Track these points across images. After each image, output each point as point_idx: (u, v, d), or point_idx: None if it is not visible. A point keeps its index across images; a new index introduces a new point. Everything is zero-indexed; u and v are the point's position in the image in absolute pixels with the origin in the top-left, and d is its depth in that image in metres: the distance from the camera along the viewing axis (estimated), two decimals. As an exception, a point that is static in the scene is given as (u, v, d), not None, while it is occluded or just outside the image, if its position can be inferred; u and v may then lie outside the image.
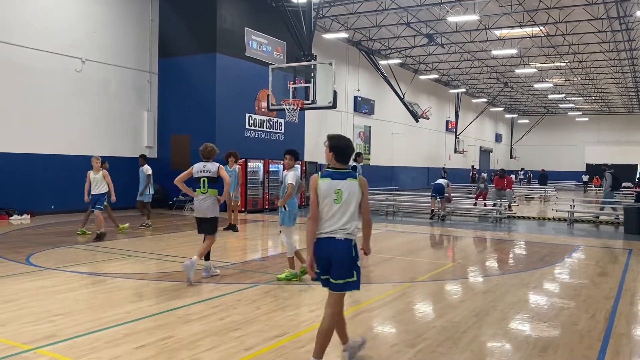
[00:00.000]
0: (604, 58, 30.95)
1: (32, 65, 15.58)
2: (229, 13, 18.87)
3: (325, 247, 4.12)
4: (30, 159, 15.50)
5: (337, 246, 4.10)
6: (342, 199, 4.11)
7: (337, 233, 4.10)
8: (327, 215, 4.13)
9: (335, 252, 4.10)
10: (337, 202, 4.12)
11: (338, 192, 4.13)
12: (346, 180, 4.14)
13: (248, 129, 19.80)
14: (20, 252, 9.50)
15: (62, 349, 4.66)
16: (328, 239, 4.11)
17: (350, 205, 4.13)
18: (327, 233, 4.12)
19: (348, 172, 4.21)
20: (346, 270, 4.16)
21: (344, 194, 4.12)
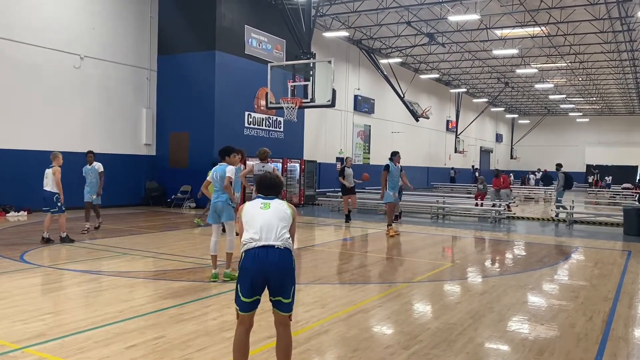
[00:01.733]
0: (605, 59, 30.85)
1: (30, 61, 15.51)
2: (229, 10, 18.79)
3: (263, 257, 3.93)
4: (27, 155, 15.43)
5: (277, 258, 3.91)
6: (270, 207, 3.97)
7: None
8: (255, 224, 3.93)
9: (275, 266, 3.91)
10: (264, 208, 3.95)
11: (266, 204, 3.97)
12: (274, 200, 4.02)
13: (247, 127, 19.73)
14: (15, 250, 9.44)
15: (51, 348, 4.60)
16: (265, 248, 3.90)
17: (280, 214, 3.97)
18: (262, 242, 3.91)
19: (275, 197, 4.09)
20: (289, 287, 4.07)
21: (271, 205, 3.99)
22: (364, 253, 10.80)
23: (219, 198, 7.50)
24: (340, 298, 6.77)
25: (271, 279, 3.77)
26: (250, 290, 3.80)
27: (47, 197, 10.20)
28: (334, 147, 28.23)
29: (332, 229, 14.19)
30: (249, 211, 3.90)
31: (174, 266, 8.40)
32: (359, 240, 12.51)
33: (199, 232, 12.78)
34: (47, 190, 10.23)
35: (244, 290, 3.84)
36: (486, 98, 47.40)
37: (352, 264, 9.50)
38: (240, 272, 3.86)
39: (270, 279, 3.77)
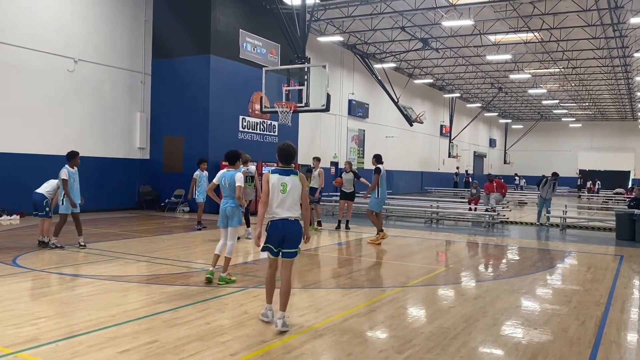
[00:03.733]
0: (597, 64, 31.08)
1: (24, 65, 15.45)
2: (224, 15, 18.81)
3: (281, 226, 5.45)
4: (21, 159, 15.36)
5: (290, 225, 5.46)
6: (287, 189, 5.45)
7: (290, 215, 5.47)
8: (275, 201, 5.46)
9: (289, 230, 5.46)
10: (282, 192, 5.45)
11: (284, 185, 5.46)
12: (289, 177, 5.50)
13: (241, 131, 19.72)
14: (7, 253, 9.38)
15: (44, 353, 4.57)
16: (282, 220, 5.45)
17: (294, 195, 5.49)
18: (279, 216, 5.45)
19: (291, 169, 5.60)
20: (296, 243, 5.53)
21: (288, 186, 5.46)
22: (358, 257, 10.81)
23: (227, 203, 7.56)
24: (334, 302, 6.78)
25: (286, 238, 5.47)
26: (275, 244, 5.50)
27: (37, 200, 10.13)
28: (328, 151, 28.26)
29: (326, 233, 14.19)
30: (273, 189, 5.47)
31: (168, 270, 8.38)
32: (353, 244, 12.52)
33: (191, 236, 12.75)
34: (38, 193, 10.16)
35: (273, 244, 5.51)
36: (480, 103, 47.60)
37: (346, 268, 9.50)
38: (269, 233, 5.53)
39: (286, 238, 5.47)
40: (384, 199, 12.60)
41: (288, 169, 5.59)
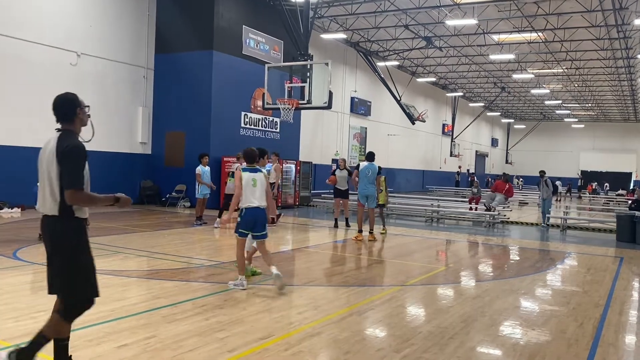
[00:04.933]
0: (601, 65, 31.02)
1: (26, 58, 15.46)
2: (227, 10, 18.79)
3: (254, 213, 6.91)
4: (22, 152, 15.36)
5: (260, 213, 6.96)
6: (257, 184, 6.96)
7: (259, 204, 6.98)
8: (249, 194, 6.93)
9: (259, 216, 6.95)
10: (254, 186, 6.93)
11: (254, 180, 6.96)
12: (257, 174, 7.06)
13: (243, 127, 19.72)
14: (7, 246, 9.40)
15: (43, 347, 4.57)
16: (254, 208, 6.91)
17: (262, 188, 7.02)
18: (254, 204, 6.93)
19: (257, 168, 7.20)
20: (264, 226, 7.07)
21: (257, 181, 6.98)
22: (358, 255, 10.81)
23: None
24: (333, 300, 6.79)
25: (257, 223, 6.96)
26: (247, 228, 6.96)
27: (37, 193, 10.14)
28: (330, 148, 28.26)
29: (326, 230, 14.20)
30: (247, 183, 6.93)
31: (167, 265, 8.40)
32: (352, 242, 12.52)
33: (192, 231, 12.77)
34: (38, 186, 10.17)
35: (245, 228, 6.97)
36: (482, 102, 47.54)
37: (345, 266, 9.51)
38: (242, 219, 6.93)
39: (257, 223, 6.96)
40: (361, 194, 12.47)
41: (255, 168, 7.13)
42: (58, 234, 3.77)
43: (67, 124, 3.84)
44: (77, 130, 3.87)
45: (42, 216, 3.83)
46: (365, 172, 12.26)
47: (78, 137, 3.85)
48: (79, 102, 3.93)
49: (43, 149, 3.83)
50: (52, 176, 3.71)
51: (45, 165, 3.75)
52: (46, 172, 3.75)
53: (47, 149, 3.79)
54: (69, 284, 3.81)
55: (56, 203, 3.73)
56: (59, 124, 3.87)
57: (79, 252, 3.80)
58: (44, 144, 3.86)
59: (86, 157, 3.78)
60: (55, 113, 3.88)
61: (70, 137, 3.75)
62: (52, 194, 3.73)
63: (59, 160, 3.65)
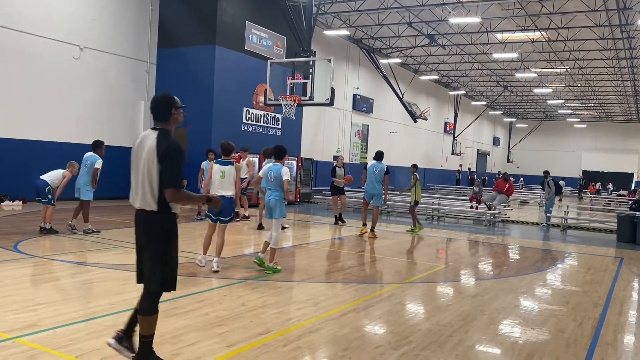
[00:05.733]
0: (604, 65, 30.96)
1: (29, 51, 15.46)
2: (230, 5, 18.76)
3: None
4: (25, 144, 15.40)
5: (225, 201, 7.51)
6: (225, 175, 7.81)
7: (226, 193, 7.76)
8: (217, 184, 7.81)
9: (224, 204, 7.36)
10: (222, 177, 7.80)
11: (222, 172, 7.81)
12: (227, 166, 7.86)
13: (245, 123, 19.72)
14: (8, 239, 9.42)
15: (42, 339, 4.60)
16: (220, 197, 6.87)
17: (230, 179, 7.85)
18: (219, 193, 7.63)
19: (229, 161, 8.01)
20: (229, 213, 7.88)
21: (226, 173, 7.81)
22: (358, 252, 10.82)
23: (271, 195, 7.91)
24: (332, 297, 6.80)
25: (222, 210, 7.61)
26: (214, 213, 7.83)
27: (40, 186, 10.16)
28: (331, 145, 28.25)
29: (326, 227, 14.21)
30: (215, 174, 7.87)
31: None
32: (353, 239, 12.54)
33: (192, 226, 12.78)
34: (41, 179, 10.20)
35: (212, 213, 7.88)
36: (485, 101, 47.48)
37: (345, 263, 9.52)
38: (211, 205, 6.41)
39: (222, 210, 7.61)
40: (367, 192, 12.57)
41: (227, 160, 7.95)
42: (155, 227, 3.98)
43: (162, 123, 4.05)
44: (172, 129, 4.08)
45: (138, 210, 4.02)
46: (373, 170, 12.35)
47: (174, 136, 4.06)
48: (175, 102, 4.11)
49: (138, 146, 4.01)
50: (152, 174, 3.89)
51: (144, 163, 3.92)
52: (145, 169, 3.92)
53: (144, 146, 3.96)
54: (159, 274, 4.01)
55: (155, 199, 3.92)
56: (154, 122, 4.09)
57: (171, 245, 4.04)
58: (138, 141, 4.04)
59: (184, 156, 4.03)
60: (153, 112, 4.10)
61: (169, 137, 3.95)
62: (152, 190, 3.91)
63: (160, 160, 3.85)
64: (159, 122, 4.06)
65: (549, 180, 17.73)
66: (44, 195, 10.15)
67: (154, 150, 3.88)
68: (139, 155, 3.98)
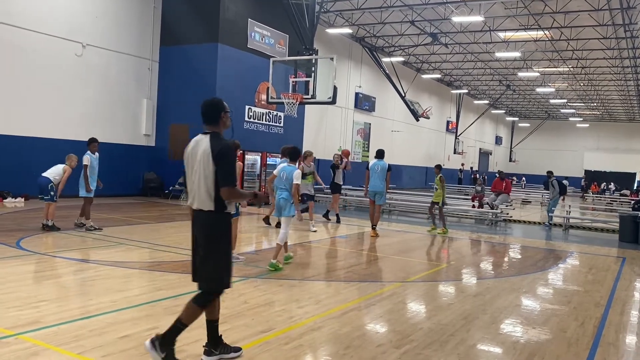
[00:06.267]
0: (607, 65, 30.89)
1: (32, 48, 15.48)
2: (233, 3, 18.75)
3: None
4: (26, 142, 15.43)
5: None
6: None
7: None
8: None
9: None
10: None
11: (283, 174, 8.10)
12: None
13: (247, 121, 19.72)
14: (11, 236, 9.44)
15: (45, 336, 4.61)
16: None
17: None
18: None
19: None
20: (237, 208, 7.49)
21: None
22: (360, 251, 10.83)
23: (281, 195, 8.13)
24: (334, 295, 6.80)
25: None
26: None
27: (43, 184, 10.19)
28: (333, 144, 28.24)
29: (328, 225, 14.21)
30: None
31: (170, 257, 8.43)
32: (354, 238, 12.54)
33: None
34: (44, 177, 10.22)
35: None
36: (487, 100, 47.42)
37: (347, 261, 9.52)
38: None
39: None
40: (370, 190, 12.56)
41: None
42: (213, 226, 4.13)
43: (212, 126, 4.28)
44: (221, 132, 4.28)
45: (195, 210, 4.17)
46: (375, 168, 12.41)
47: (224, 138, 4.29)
48: (224, 106, 4.38)
49: (192, 151, 4.22)
50: (208, 175, 4.08)
51: (200, 165, 4.12)
52: (200, 171, 4.11)
53: (198, 149, 4.17)
54: (216, 272, 4.15)
55: (212, 199, 4.09)
56: (204, 126, 4.31)
57: (227, 244, 4.20)
58: (191, 146, 4.25)
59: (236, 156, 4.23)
60: (204, 116, 4.32)
61: (221, 139, 4.17)
62: (208, 191, 4.09)
63: (215, 161, 4.05)
64: (209, 125, 4.28)
65: (553, 180, 17.68)
66: (46, 192, 10.17)
67: (209, 152, 4.08)
68: (194, 158, 4.17)
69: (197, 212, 4.17)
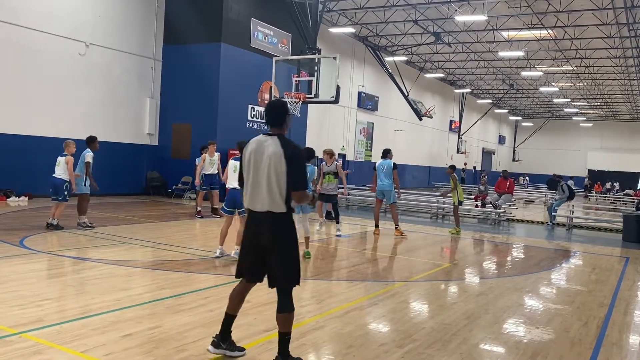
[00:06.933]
0: (610, 64, 30.78)
1: (35, 47, 15.50)
2: (236, 3, 18.75)
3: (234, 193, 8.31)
4: (30, 140, 15.45)
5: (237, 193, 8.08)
6: (237, 170, 7.97)
7: None
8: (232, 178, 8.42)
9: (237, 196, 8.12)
10: (234, 171, 8.29)
11: (235, 167, 8.30)
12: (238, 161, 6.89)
13: (250, 120, 19.73)
14: (14, 234, 9.47)
15: (48, 335, 4.62)
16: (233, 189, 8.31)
17: None
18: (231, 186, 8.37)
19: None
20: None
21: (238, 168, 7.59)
22: (362, 250, 10.82)
23: None
24: (336, 295, 6.80)
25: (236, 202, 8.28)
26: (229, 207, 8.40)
27: (58, 184, 10.26)
28: (336, 143, 28.23)
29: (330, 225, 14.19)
30: (230, 171, 8.47)
31: (173, 257, 8.44)
32: (357, 237, 12.54)
33: (199, 223, 12.81)
34: (57, 178, 10.32)
35: (228, 206, 8.40)
36: (490, 99, 47.33)
37: (349, 261, 9.52)
38: (226, 199, 8.42)
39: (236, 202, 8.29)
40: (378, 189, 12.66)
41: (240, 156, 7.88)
42: (284, 228, 4.14)
43: (277, 129, 4.23)
44: (284, 133, 4.24)
45: (261, 213, 4.12)
46: (381, 167, 12.54)
47: None
48: (288, 108, 4.37)
49: (256, 153, 4.17)
50: (280, 177, 4.06)
51: (269, 168, 4.08)
52: (272, 173, 4.07)
53: (264, 152, 4.13)
54: (293, 272, 4.20)
55: (283, 201, 4.09)
56: (268, 128, 4.30)
57: (297, 244, 4.28)
58: (252, 147, 4.21)
59: None
60: (269, 118, 4.29)
61: (290, 142, 4.14)
62: (280, 192, 4.07)
63: (288, 163, 4.03)
64: (274, 127, 4.23)
65: (563, 185, 17.53)
66: (61, 192, 10.23)
67: (280, 153, 4.05)
68: (259, 159, 4.13)
69: (263, 214, 4.11)
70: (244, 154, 4.27)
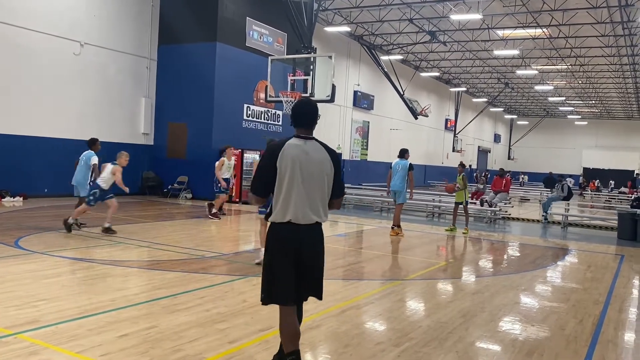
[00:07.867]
0: (605, 62, 30.88)
1: (30, 47, 15.43)
2: (231, 2, 18.72)
3: None
4: (25, 140, 15.39)
5: None
6: None
7: None
8: None
9: None
10: None
11: None
12: None
13: (246, 120, 19.71)
14: (9, 235, 9.43)
15: (44, 335, 4.61)
16: None
17: None
18: None
19: None
20: None
21: None
22: (359, 249, 10.83)
23: None
24: (333, 294, 6.80)
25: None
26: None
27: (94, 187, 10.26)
28: (332, 142, 28.24)
29: (327, 224, 14.21)
30: None
31: (168, 256, 8.42)
32: (354, 236, 12.55)
33: (193, 222, 12.79)
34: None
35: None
36: (486, 98, 47.42)
37: (346, 260, 9.52)
38: None
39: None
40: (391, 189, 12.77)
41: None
42: (323, 239, 3.85)
43: (309, 131, 3.88)
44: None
45: (310, 225, 3.71)
46: (396, 168, 12.67)
47: None
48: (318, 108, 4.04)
49: (301, 158, 3.71)
50: (329, 184, 3.76)
51: (322, 175, 3.73)
52: (324, 180, 3.74)
53: (312, 157, 3.73)
54: (322, 283, 3.93)
55: (325, 210, 3.80)
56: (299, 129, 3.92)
57: None
58: (295, 152, 3.73)
59: None
60: (305, 119, 3.90)
61: (328, 146, 3.85)
62: (324, 201, 3.77)
63: (336, 169, 3.75)
64: (309, 130, 3.88)
65: (564, 184, 17.60)
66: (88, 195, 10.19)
67: (329, 160, 3.76)
68: (309, 167, 3.71)
69: (311, 226, 3.70)
70: (281, 160, 3.70)
